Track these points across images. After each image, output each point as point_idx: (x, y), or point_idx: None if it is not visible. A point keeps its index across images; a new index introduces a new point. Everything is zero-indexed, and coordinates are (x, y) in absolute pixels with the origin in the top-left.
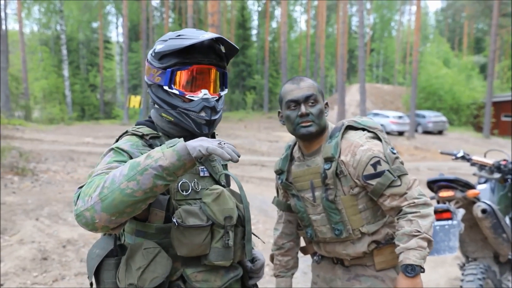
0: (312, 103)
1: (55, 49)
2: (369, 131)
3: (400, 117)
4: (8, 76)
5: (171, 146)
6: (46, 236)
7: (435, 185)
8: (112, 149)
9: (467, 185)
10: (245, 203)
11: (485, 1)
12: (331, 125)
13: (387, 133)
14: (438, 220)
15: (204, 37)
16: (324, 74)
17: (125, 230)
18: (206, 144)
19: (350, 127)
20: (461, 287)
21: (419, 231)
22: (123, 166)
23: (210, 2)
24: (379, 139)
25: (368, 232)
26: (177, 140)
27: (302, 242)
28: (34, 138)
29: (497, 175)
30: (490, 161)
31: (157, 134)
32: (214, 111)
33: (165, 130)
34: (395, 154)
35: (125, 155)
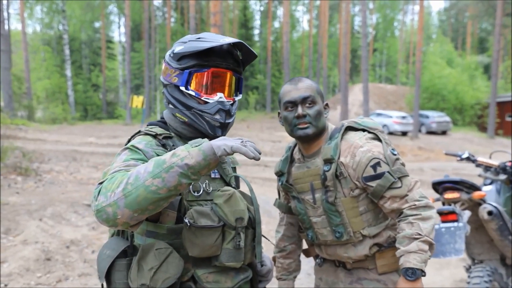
0: (310, 104)
1: (57, 49)
2: (369, 132)
3: (403, 117)
4: (11, 76)
5: (196, 146)
6: (49, 236)
7: (440, 186)
8: (128, 147)
9: (472, 187)
10: (255, 205)
11: (488, 0)
12: (331, 126)
13: (390, 133)
14: (443, 222)
15: (225, 41)
16: (326, 74)
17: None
18: (230, 143)
19: (350, 128)
20: None
21: (420, 234)
22: (147, 163)
23: (212, 2)
24: (379, 140)
25: (369, 235)
26: (201, 140)
27: (304, 245)
28: (37, 138)
29: (503, 177)
30: (495, 162)
31: (169, 134)
32: (229, 114)
33: (178, 131)
34: (395, 155)
35: (140, 153)
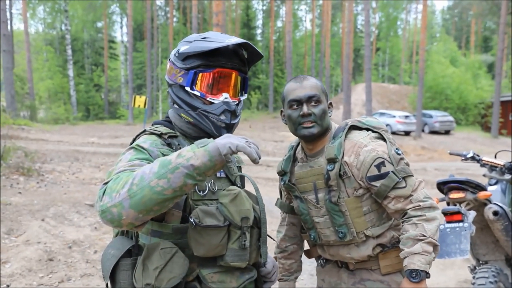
0: (315, 103)
1: (60, 49)
2: (373, 131)
3: (406, 116)
4: (13, 76)
5: (202, 146)
6: (52, 236)
7: (445, 186)
8: (133, 147)
9: (478, 187)
10: (261, 205)
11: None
12: (335, 125)
13: (394, 133)
14: (448, 222)
15: (230, 41)
16: (329, 73)
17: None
18: (236, 141)
19: (354, 127)
20: None
21: (424, 235)
22: (152, 164)
23: (215, 1)
24: (383, 139)
25: (373, 235)
26: (207, 140)
27: (306, 245)
28: (40, 138)
29: (508, 176)
30: (501, 162)
31: (174, 134)
32: (234, 115)
33: (183, 130)
34: (400, 155)
35: (145, 152)
